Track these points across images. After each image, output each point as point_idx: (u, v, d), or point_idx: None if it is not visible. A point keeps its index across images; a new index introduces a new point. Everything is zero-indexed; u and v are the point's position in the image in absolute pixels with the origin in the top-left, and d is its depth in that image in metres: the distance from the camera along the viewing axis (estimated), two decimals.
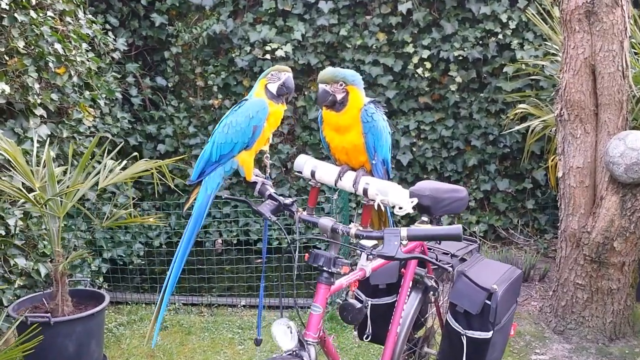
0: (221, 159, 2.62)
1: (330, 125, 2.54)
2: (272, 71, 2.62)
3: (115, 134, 6.30)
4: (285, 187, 7.14)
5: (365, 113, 2.47)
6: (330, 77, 2.45)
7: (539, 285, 5.80)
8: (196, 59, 7.22)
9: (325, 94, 2.43)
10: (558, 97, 4.53)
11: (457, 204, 3.29)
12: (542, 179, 6.96)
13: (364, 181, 2.41)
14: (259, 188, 2.67)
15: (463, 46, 6.82)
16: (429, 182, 3.44)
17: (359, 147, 2.51)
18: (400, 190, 2.33)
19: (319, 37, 6.98)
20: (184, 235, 2.63)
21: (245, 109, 2.59)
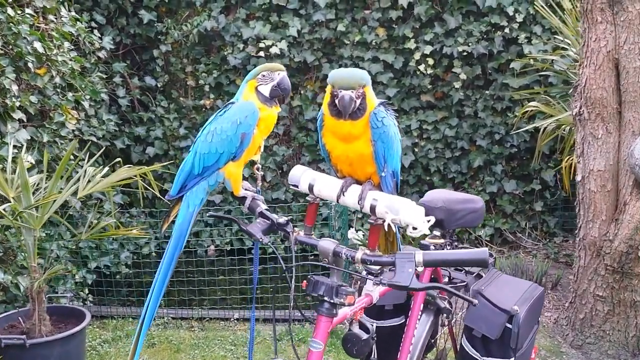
0: (205, 172, 2.29)
1: (334, 133, 2.17)
2: (264, 71, 2.28)
3: (101, 137, 5.97)
4: (280, 190, 6.83)
5: (374, 118, 2.11)
6: (356, 81, 2.05)
7: (552, 293, 5.47)
8: (187, 57, 6.93)
9: (351, 103, 2.03)
10: (577, 94, 4.19)
11: (473, 215, 2.97)
12: (551, 180, 6.66)
13: (372, 196, 2.06)
14: (248, 204, 2.33)
15: (467, 41, 6.53)
16: (441, 192, 3.11)
17: (366, 157, 2.16)
18: (414, 207, 1.99)
19: (315, 33, 6.68)
20: (163, 259, 2.29)
21: (231, 114, 2.25)
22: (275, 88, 2.28)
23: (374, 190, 2.10)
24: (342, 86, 2.04)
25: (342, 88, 2.03)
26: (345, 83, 2.04)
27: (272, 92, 2.28)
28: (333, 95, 2.07)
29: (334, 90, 2.06)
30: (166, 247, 2.31)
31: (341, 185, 2.15)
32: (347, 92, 2.03)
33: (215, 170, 2.29)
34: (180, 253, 2.34)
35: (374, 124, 2.10)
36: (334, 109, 2.08)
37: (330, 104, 2.09)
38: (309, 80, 6.86)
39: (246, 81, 2.33)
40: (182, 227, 2.30)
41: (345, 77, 2.06)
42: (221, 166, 2.28)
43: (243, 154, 2.29)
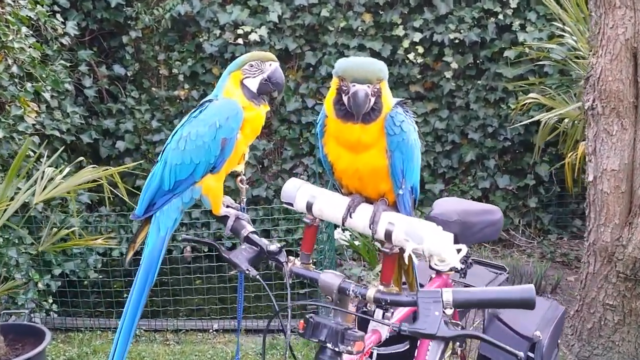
0: (177, 187, 1.88)
1: (339, 140, 1.75)
2: (252, 60, 1.87)
3: (65, 132, 5.50)
4: (262, 187, 6.43)
5: (391, 122, 1.70)
6: (374, 74, 1.65)
7: (552, 297, 5.14)
8: (159, 44, 6.48)
9: (366, 101, 1.62)
10: (589, 86, 3.82)
11: (491, 229, 2.60)
12: (545, 175, 6.33)
13: (387, 219, 1.66)
14: (231, 225, 1.93)
15: (459, 28, 6.18)
16: (453, 202, 2.72)
17: (379, 170, 1.75)
18: (441, 233, 1.60)
19: (297, 19, 6.29)
20: (131, 294, 1.88)
21: (209, 115, 1.84)
22: (265, 82, 1.87)
23: (389, 211, 1.70)
24: (356, 79, 1.62)
25: (356, 81, 1.62)
26: (361, 75, 1.62)
27: (261, 86, 1.88)
28: (341, 91, 1.66)
29: (343, 84, 1.65)
30: (134, 280, 1.89)
31: (348, 205, 1.74)
32: (362, 87, 1.61)
33: (190, 184, 1.88)
34: (151, 286, 1.92)
35: (390, 130, 1.69)
36: (342, 109, 1.67)
37: (337, 102, 1.68)
38: (290, 69, 6.48)
39: (228, 72, 1.91)
40: (152, 255, 1.89)
41: (360, 68, 1.64)
42: (197, 180, 1.87)
43: (224, 165, 1.88)
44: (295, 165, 6.50)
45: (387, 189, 1.77)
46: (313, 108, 6.36)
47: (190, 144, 1.83)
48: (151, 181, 1.90)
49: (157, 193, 1.89)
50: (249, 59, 1.88)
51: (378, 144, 1.71)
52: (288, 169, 6.46)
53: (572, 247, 6.21)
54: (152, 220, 1.92)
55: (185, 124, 1.88)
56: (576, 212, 6.52)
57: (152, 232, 1.91)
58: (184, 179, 1.85)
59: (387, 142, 1.70)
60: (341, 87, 1.66)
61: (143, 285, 1.89)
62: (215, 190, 1.90)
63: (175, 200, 1.89)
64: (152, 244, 1.90)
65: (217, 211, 1.92)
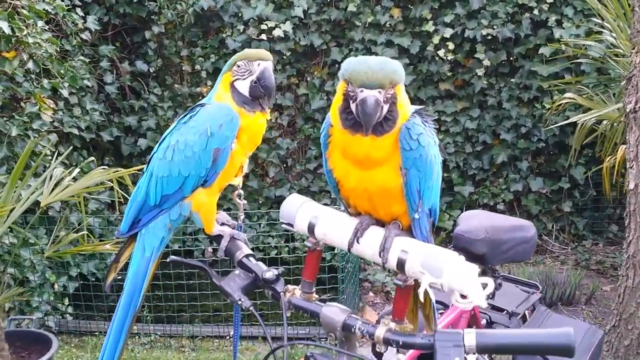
0: (164, 202, 1.70)
1: (346, 154, 1.53)
2: (240, 60, 1.68)
3: (85, 129, 5.38)
4: (285, 187, 6.24)
5: (407, 134, 1.47)
6: (386, 77, 1.42)
7: (587, 309, 4.87)
8: (182, 39, 6.34)
9: (376, 109, 1.41)
10: (631, 87, 3.55)
11: (523, 248, 2.37)
12: (581, 178, 6.03)
13: (399, 246, 1.45)
14: (225, 246, 1.74)
15: (492, 23, 5.91)
16: (482, 216, 2.49)
17: (392, 190, 1.52)
18: (464, 265, 1.38)
19: (323, 14, 6.09)
20: (114, 320, 1.71)
21: (200, 122, 1.66)
22: (254, 85, 1.67)
23: (402, 237, 1.49)
24: (365, 83, 1.40)
25: (365, 86, 1.40)
26: (370, 78, 1.40)
27: (252, 89, 1.68)
28: (348, 97, 1.44)
29: (349, 88, 1.43)
30: (117, 304, 1.72)
31: (355, 228, 1.53)
32: (371, 93, 1.39)
33: (178, 200, 1.70)
34: (136, 312, 1.75)
35: (406, 144, 1.46)
36: (349, 118, 1.45)
37: (343, 111, 1.47)
38: (316, 66, 6.29)
39: (222, 73, 1.73)
40: (136, 278, 1.71)
41: (370, 70, 1.41)
42: (187, 194, 1.69)
43: (217, 178, 1.69)
44: (320, 165, 6.29)
45: (401, 211, 1.55)
46: None
47: (179, 154, 1.65)
48: (135, 195, 1.73)
49: (142, 208, 1.72)
50: (237, 58, 1.69)
51: (391, 159, 1.49)
52: (312, 169, 6.27)
53: (608, 254, 5.91)
54: (137, 238, 1.75)
55: (174, 131, 1.70)
56: (612, 217, 6.22)
57: (137, 251, 1.74)
58: (171, 193, 1.68)
59: (401, 158, 1.48)
60: (348, 92, 1.44)
61: (126, 309, 1.72)
62: (207, 207, 1.71)
63: (162, 217, 1.71)
64: (137, 266, 1.72)
65: (210, 230, 1.74)
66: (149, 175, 1.70)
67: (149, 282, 1.75)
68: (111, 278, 1.80)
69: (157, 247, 1.73)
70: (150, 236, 1.72)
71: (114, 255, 1.90)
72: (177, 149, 1.65)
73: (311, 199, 1.63)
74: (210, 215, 1.72)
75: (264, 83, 1.67)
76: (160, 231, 1.72)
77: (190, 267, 1.72)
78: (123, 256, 1.78)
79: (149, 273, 1.74)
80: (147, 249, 1.72)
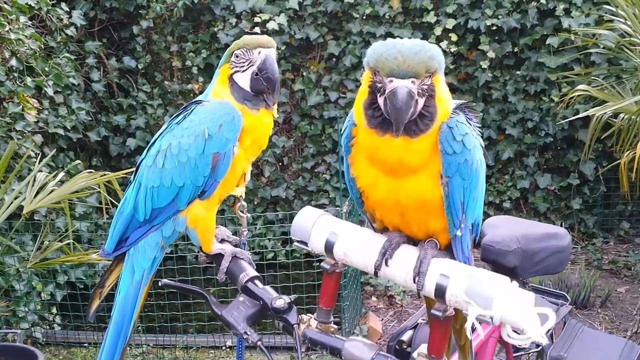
0: (156, 217, 1.44)
1: (373, 159, 1.27)
2: (238, 48, 1.43)
3: (71, 129, 5.13)
4: (281, 187, 6.01)
5: (449, 135, 1.22)
6: (422, 63, 1.18)
7: (602, 312, 4.63)
8: (171, 34, 6.11)
9: (410, 103, 1.16)
10: None
11: (557, 259, 2.12)
12: (591, 174, 5.79)
13: (438, 270, 1.20)
14: (226, 267, 1.48)
15: (496, 13, 5.69)
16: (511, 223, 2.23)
17: (430, 203, 1.27)
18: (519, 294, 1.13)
19: (319, 6, 5.88)
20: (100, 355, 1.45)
21: (196, 122, 1.41)
22: (256, 77, 1.42)
23: (440, 258, 1.23)
24: (395, 71, 1.15)
25: (395, 75, 1.15)
26: (401, 65, 1.15)
27: (253, 83, 1.43)
28: (375, 89, 1.19)
29: (376, 79, 1.19)
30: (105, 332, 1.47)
31: (383, 247, 1.27)
32: (403, 84, 1.14)
33: (172, 214, 1.44)
34: (127, 343, 1.49)
35: (447, 147, 1.21)
36: (376, 115, 1.21)
37: (369, 106, 1.22)
38: (312, 60, 6.09)
39: (219, 66, 1.48)
40: (125, 304, 1.46)
41: (400, 55, 1.16)
42: (182, 207, 1.43)
43: (217, 188, 1.43)
44: (317, 163, 6.09)
45: (439, 227, 1.29)
46: (336, 102, 5.95)
47: (172, 160, 1.39)
48: (122, 209, 1.47)
49: (130, 225, 1.46)
50: (235, 46, 1.44)
51: (429, 166, 1.24)
52: (309, 167, 6.05)
53: (620, 253, 5.69)
54: (126, 259, 1.49)
55: (165, 133, 1.44)
56: (623, 214, 6.01)
57: (126, 274, 1.48)
58: (163, 206, 1.42)
59: (442, 164, 1.23)
60: (374, 83, 1.19)
61: (115, 339, 1.47)
62: (205, 221, 1.45)
63: (154, 234, 1.46)
64: (126, 290, 1.47)
65: (208, 248, 1.48)
66: (137, 186, 1.44)
67: (140, 308, 1.50)
68: (95, 306, 1.55)
69: (149, 269, 1.48)
70: (140, 256, 1.47)
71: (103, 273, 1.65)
72: (169, 155, 1.40)
73: (328, 212, 1.37)
74: (208, 232, 1.47)
75: (266, 74, 1.42)
76: (151, 250, 1.47)
77: (187, 292, 1.47)
78: (109, 279, 1.53)
79: (139, 299, 1.49)
80: (137, 271, 1.47)
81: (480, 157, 1.29)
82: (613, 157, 5.68)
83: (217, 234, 1.54)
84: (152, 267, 1.48)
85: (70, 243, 3.47)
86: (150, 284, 1.51)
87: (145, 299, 1.53)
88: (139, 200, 1.42)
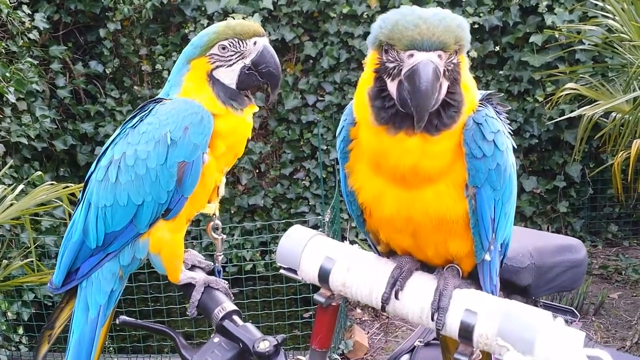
0: (111, 243, 1.20)
1: (380, 166, 1.03)
2: (224, 38, 1.20)
3: (35, 138, 4.87)
4: (259, 195, 5.78)
5: (477, 133, 0.99)
6: (451, 32, 0.95)
7: (597, 320, 4.45)
8: (140, 37, 5.90)
9: (435, 82, 0.92)
10: None
11: (573, 273, 1.90)
12: (577, 176, 5.63)
13: (463, 304, 0.97)
14: (197, 300, 1.24)
15: (478, 11, 5.56)
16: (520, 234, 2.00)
17: (452, 221, 1.03)
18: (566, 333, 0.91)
19: (294, 5, 5.70)
20: None
21: (155, 125, 1.17)
22: (248, 72, 1.19)
23: (465, 289, 1.00)
24: (416, 41, 0.92)
25: (417, 46, 0.92)
26: (426, 34, 0.92)
27: (242, 79, 1.20)
28: (384, 72, 0.96)
29: (388, 56, 0.95)
30: None
31: (392, 276, 1.04)
32: (428, 58, 0.91)
33: (130, 238, 1.19)
34: None
35: (475, 148, 0.98)
36: (386, 107, 0.97)
37: (376, 96, 0.98)
38: (288, 62, 5.90)
39: (187, 60, 1.23)
40: (79, 347, 1.22)
41: (423, 22, 0.93)
42: (142, 230, 1.18)
43: (184, 205, 1.19)
44: (296, 169, 5.87)
45: (462, 251, 1.06)
46: (314, 105, 5.75)
47: (127, 172, 1.15)
48: (70, 234, 1.22)
49: (80, 253, 1.21)
50: (218, 36, 1.20)
51: (451, 173, 1.01)
52: (287, 174, 5.85)
53: (609, 256, 5.55)
54: (78, 293, 1.24)
55: (118, 140, 1.20)
56: (611, 216, 5.86)
57: (78, 312, 1.23)
58: (119, 230, 1.17)
59: (468, 171, 1.00)
60: (384, 64, 0.96)
61: None
62: (171, 246, 1.21)
63: (109, 264, 1.21)
64: (80, 331, 1.22)
65: (176, 278, 1.24)
66: (86, 206, 1.20)
67: (98, 352, 1.25)
68: (44, 352, 1.30)
69: (106, 305, 1.23)
70: (95, 290, 1.22)
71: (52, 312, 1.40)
72: (123, 166, 1.15)
73: (322, 233, 1.13)
74: (175, 259, 1.23)
75: (266, 69, 1.20)
76: (107, 283, 1.22)
77: (151, 331, 1.23)
78: (60, 319, 1.29)
79: (97, 341, 1.24)
80: (92, 308, 1.22)
81: (513, 160, 1.06)
82: (600, 158, 5.55)
83: (187, 259, 1.30)
84: (110, 302, 1.23)
85: (33, 261, 3.21)
86: (109, 321, 1.27)
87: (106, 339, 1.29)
88: (89, 223, 1.17)
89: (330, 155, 5.61)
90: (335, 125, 5.62)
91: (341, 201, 4.87)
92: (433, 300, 0.99)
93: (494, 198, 1.00)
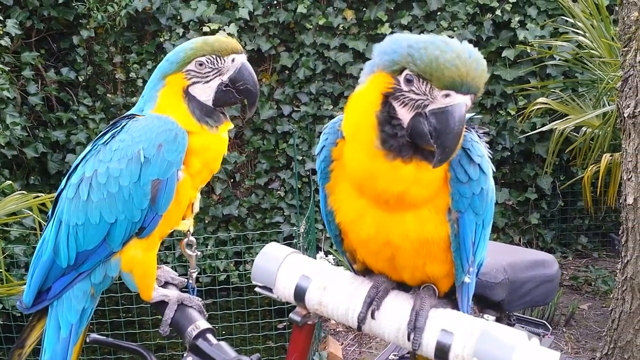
0: (83, 262, 1.18)
1: (364, 189, 1.03)
2: (203, 55, 1.19)
3: (5, 145, 4.78)
4: (233, 205, 5.73)
5: (463, 157, 1.02)
6: (484, 76, 0.95)
7: (567, 331, 4.50)
8: (114, 45, 5.83)
9: (465, 121, 0.96)
10: (628, 89, 3.16)
11: (545, 288, 1.92)
12: (548, 188, 5.69)
13: (439, 324, 0.98)
14: (170, 318, 1.23)
15: (452, 25, 5.59)
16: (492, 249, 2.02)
17: (434, 244, 1.04)
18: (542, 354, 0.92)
19: (271, 16, 5.66)
20: None
21: (128, 142, 1.16)
22: (225, 89, 1.19)
23: (440, 308, 1.01)
24: (456, 84, 0.92)
25: (456, 88, 0.92)
26: (466, 77, 0.92)
27: (219, 96, 1.19)
28: (398, 98, 0.96)
29: (413, 85, 0.95)
30: None
31: (368, 295, 1.04)
32: (464, 101, 0.93)
33: (102, 257, 1.17)
34: None
35: (461, 173, 1.01)
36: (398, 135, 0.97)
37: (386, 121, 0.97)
38: (264, 72, 5.88)
39: (162, 75, 1.22)
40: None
41: (462, 64, 0.92)
42: (115, 249, 1.17)
43: (158, 224, 1.18)
44: (271, 179, 5.84)
45: (440, 273, 1.07)
46: (290, 116, 5.73)
47: (99, 190, 1.14)
48: (41, 252, 1.20)
49: (51, 272, 1.19)
50: (195, 52, 1.19)
51: (436, 198, 1.02)
52: (262, 184, 5.81)
53: (579, 267, 5.61)
54: (49, 311, 1.22)
55: (89, 157, 1.19)
56: (581, 228, 5.93)
57: (50, 331, 1.21)
58: (91, 248, 1.16)
59: (452, 195, 1.01)
60: (401, 91, 0.95)
61: None
62: (144, 265, 1.20)
63: (81, 283, 1.19)
64: (52, 351, 1.20)
65: (148, 296, 1.23)
66: (57, 224, 1.18)
67: None
68: None
69: (77, 323, 1.21)
70: (66, 309, 1.20)
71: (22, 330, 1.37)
72: (95, 184, 1.14)
73: (298, 251, 1.13)
74: (148, 277, 1.21)
75: (244, 86, 1.19)
76: (78, 302, 1.20)
77: (122, 350, 1.21)
78: (31, 338, 1.27)
79: (69, 355, 1.22)
80: (64, 328, 1.20)
81: (493, 184, 1.08)
82: (570, 171, 5.63)
83: (160, 276, 1.29)
84: (82, 320, 1.22)
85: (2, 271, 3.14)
86: (82, 340, 1.25)
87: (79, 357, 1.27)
88: (60, 242, 1.16)
89: (305, 165, 5.61)
90: (310, 135, 5.61)
91: (316, 211, 4.87)
92: (409, 320, 1.00)
93: (476, 222, 1.02)
